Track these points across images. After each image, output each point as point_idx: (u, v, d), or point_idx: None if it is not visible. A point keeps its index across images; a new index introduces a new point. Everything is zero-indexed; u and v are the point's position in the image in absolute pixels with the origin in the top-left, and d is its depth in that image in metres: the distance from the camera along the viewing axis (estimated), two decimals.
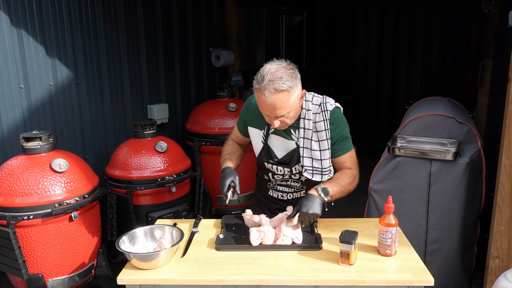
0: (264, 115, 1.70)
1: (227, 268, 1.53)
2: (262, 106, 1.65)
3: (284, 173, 1.88)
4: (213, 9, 4.33)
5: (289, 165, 1.84)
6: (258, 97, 1.64)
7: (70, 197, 2.21)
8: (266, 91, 1.58)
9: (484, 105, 3.62)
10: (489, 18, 3.55)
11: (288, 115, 1.67)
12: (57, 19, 2.79)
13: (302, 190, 1.94)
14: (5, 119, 2.56)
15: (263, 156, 1.88)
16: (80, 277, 2.34)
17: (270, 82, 1.58)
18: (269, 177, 1.95)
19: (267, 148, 1.87)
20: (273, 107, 1.61)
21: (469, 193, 2.44)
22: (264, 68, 1.63)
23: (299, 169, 1.85)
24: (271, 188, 1.99)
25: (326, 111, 1.78)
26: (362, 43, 6.38)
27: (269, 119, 1.70)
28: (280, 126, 1.71)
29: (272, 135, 1.85)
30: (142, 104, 3.56)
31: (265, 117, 1.72)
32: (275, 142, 1.85)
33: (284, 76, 1.59)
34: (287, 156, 1.83)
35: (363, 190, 2.26)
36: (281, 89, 1.58)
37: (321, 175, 1.81)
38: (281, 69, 1.61)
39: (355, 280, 1.46)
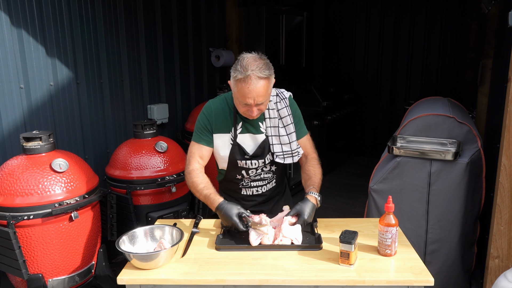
0: (243, 105, 1.76)
1: (227, 268, 1.53)
2: (245, 95, 1.71)
3: (258, 166, 1.94)
4: (213, 9, 4.33)
5: (262, 157, 1.92)
6: (241, 87, 1.70)
7: (70, 197, 2.21)
8: (251, 79, 1.67)
9: (484, 105, 3.62)
10: (489, 18, 3.55)
11: (265, 103, 1.79)
12: (57, 19, 2.79)
13: (273, 180, 2.04)
14: (5, 119, 2.56)
15: (235, 155, 1.91)
16: (80, 277, 2.34)
17: (253, 71, 1.67)
18: (242, 176, 1.97)
19: (237, 146, 1.91)
20: (257, 94, 1.70)
21: (469, 193, 2.44)
22: (242, 60, 1.72)
23: (270, 159, 1.94)
24: (244, 187, 2.01)
25: (285, 98, 1.95)
26: (362, 43, 6.39)
27: (246, 110, 1.77)
28: (256, 115, 1.80)
29: (239, 135, 1.91)
30: (142, 104, 3.56)
31: (241, 109, 1.79)
32: (244, 140, 1.92)
33: (263, 66, 1.71)
34: (259, 148, 1.92)
35: (363, 190, 2.27)
36: (264, 76, 1.70)
37: (292, 157, 1.93)
38: (258, 59, 1.73)
39: (355, 280, 1.46)
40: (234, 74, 1.72)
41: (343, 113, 5.86)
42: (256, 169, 1.95)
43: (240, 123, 1.90)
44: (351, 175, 5.72)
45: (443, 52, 5.84)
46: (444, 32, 5.79)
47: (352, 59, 6.50)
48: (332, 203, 4.66)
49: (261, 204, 2.06)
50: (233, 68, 1.73)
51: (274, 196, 2.10)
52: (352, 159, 6.48)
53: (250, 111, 1.77)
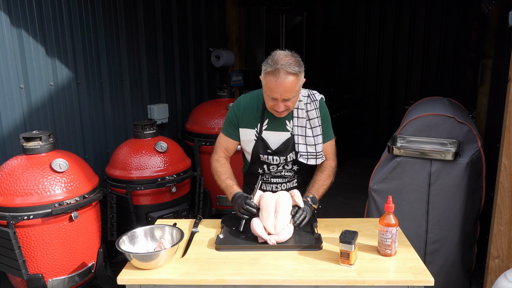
0: (271, 100, 1.78)
1: (227, 268, 1.53)
2: (273, 88, 1.73)
3: (280, 162, 1.96)
4: (213, 9, 4.33)
5: (284, 154, 1.94)
6: (269, 80, 1.73)
7: (70, 197, 2.21)
8: (280, 73, 1.70)
9: (484, 105, 3.62)
10: (489, 18, 3.55)
11: (293, 100, 1.80)
12: (57, 19, 2.79)
13: (294, 180, 2.06)
14: (5, 119, 2.56)
15: (258, 149, 1.95)
16: (80, 277, 2.34)
17: (283, 66, 1.70)
18: (263, 170, 2.00)
19: (261, 141, 1.94)
20: (284, 89, 1.72)
21: (469, 193, 2.44)
22: (274, 55, 1.76)
23: (292, 157, 1.96)
24: (264, 182, 2.04)
25: (315, 100, 1.96)
26: (362, 43, 6.38)
27: (273, 105, 1.79)
28: (283, 112, 1.82)
29: (265, 131, 1.94)
30: (142, 104, 3.56)
31: (269, 103, 1.81)
32: (269, 136, 1.94)
33: (293, 62, 1.74)
34: (282, 145, 1.94)
35: (363, 190, 2.27)
36: (293, 72, 1.72)
37: (315, 159, 1.95)
38: (290, 55, 1.76)
39: (355, 280, 1.46)
40: (264, 67, 1.76)
41: (343, 113, 5.86)
42: (277, 165, 1.98)
43: (267, 120, 1.93)
44: (351, 175, 5.71)
45: (443, 52, 5.84)
46: (444, 32, 5.78)
47: (352, 59, 6.50)
48: (332, 203, 4.66)
49: None
50: (264, 63, 1.77)
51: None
52: (352, 159, 6.48)
53: (276, 106, 1.79)
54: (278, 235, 1.68)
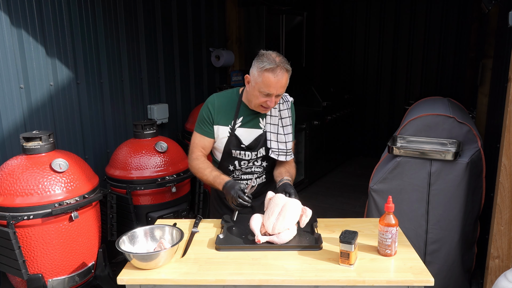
0: (263, 96, 1.86)
1: (227, 268, 1.53)
2: (271, 84, 1.82)
3: (251, 158, 2.03)
4: (213, 9, 4.33)
5: (255, 149, 2.02)
6: (268, 77, 1.81)
7: (70, 197, 2.21)
8: (279, 70, 1.81)
9: (484, 105, 3.62)
10: (489, 18, 3.55)
11: (281, 96, 1.91)
12: (57, 19, 2.79)
13: (263, 175, 2.13)
14: (5, 119, 2.56)
15: (231, 145, 2.00)
16: (80, 277, 2.34)
17: (281, 63, 1.82)
18: (234, 167, 2.05)
19: (234, 137, 1.99)
20: (280, 85, 1.83)
21: (469, 193, 2.44)
22: (268, 54, 1.86)
23: (262, 153, 2.04)
24: (235, 179, 2.06)
25: (287, 101, 2.07)
26: (362, 43, 6.38)
27: (265, 100, 1.87)
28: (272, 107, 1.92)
29: (238, 128, 2.00)
30: (142, 104, 3.56)
31: (260, 99, 1.87)
32: (242, 133, 2.00)
33: (285, 60, 1.86)
34: (254, 141, 2.01)
35: (363, 190, 2.27)
36: (288, 69, 1.85)
37: (285, 156, 2.05)
38: (278, 53, 1.89)
39: (355, 280, 1.46)
40: (261, 65, 1.83)
41: (343, 113, 5.86)
42: (248, 161, 2.04)
43: (241, 117, 2.00)
44: (351, 175, 5.72)
45: (443, 52, 5.84)
46: (444, 32, 5.78)
47: (352, 59, 6.50)
48: (332, 203, 4.66)
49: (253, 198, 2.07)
50: (258, 61, 1.86)
51: (263, 191, 2.10)
52: (352, 159, 6.48)
53: (269, 101, 1.86)
54: (278, 236, 1.68)
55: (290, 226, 1.72)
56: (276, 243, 1.67)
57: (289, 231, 1.70)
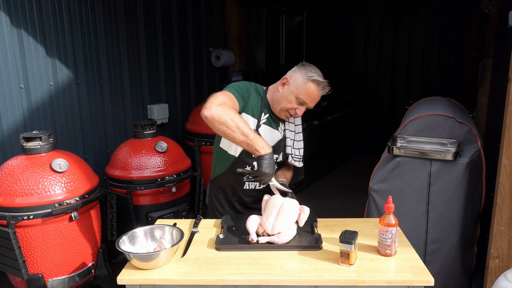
0: (297, 103, 1.90)
1: (227, 268, 1.53)
2: (313, 96, 1.89)
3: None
4: (213, 9, 4.33)
5: (277, 153, 2.03)
6: (311, 88, 1.87)
7: (70, 197, 2.21)
8: (325, 86, 1.91)
9: (484, 105, 3.62)
10: (489, 18, 3.55)
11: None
12: (57, 19, 2.79)
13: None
14: (5, 119, 2.56)
15: None
16: (80, 277, 2.34)
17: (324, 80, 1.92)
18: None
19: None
20: (318, 99, 1.93)
21: (469, 193, 2.44)
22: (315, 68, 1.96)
23: (280, 159, 2.07)
24: (248, 181, 2.04)
25: None
26: (362, 43, 6.38)
27: (296, 108, 1.90)
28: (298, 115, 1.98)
29: (263, 125, 1.97)
30: (142, 104, 3.56)
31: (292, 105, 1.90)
32: (264, 132, 1.98)
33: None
34: (277, 144, 2.02)
35: (363, 190, 2.27)
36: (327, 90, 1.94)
37: (299, 162, 2.13)
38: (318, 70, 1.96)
39: (355, 280, 1.46)
40: (309, 74, 1.89)
41: (343, 113, 5.86)
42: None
43: (267, 115, 1.98)
44: (351, 175, 5.71)
45: (443, 52, 5.84)
46: (444, 32, 5.78)
47: (352, 59, 6.50)
48: (332, 203, 4.66)
49: (258, 202, 2.05)
50: (306, 69, 1.91)
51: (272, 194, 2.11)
52: (352, 159, 6.48)
53: (299, 110, 1.91)
54: (279, 236, 1.68)
55: (290, 225, 1.72)
56: (276, 243, 1.67)
57: (289, 230, 1.70)
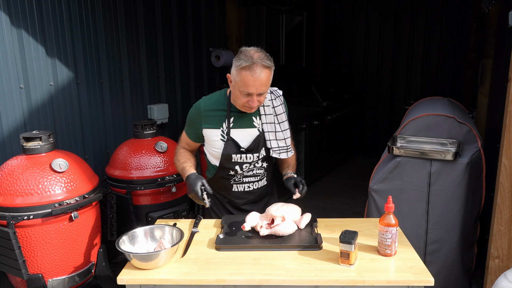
0: (244, 95, 1.80)
1: (227, 268, 1.53)
2: (249, 83, 1.75)
3: (253, 160, 1.96)
4: (213, 9, 4.33)
5: (256, 151, 1.95)
6: (245, 75, 1.74)
7: (70, 197, 2.21)
8: (257, 67, 1.72)
9: (484, 105, 3.62)
10: (489, 18, 3.55)
11: (264, 95, 1.83)
12: (57, 19, 2.79)
13: (265, 177, 2.07)
14: (5, 119, 2.56)
15: (229, 150, 1.93)
16: (80, 277, 2.34)
17: (259, 60, 1.73)
18: (235, 171, 1.98)
19: (231, 141, 1.93)
20: (260, 83, 1.75)
21: (469, 193, 2.44)
22: (245, 51, 1.78)
23: (263, 154, 1.98)
24: (236, 183, 2.02)
25: (280, 96, 2.00)
26: (362, 43, 6.39)
27: (247, 101, 1.81)
28: (255, 107, 1.85)
29: (232, 130, 1.94)
30: (142, 104, 3.56)
31: (242, 100, 1.81)
32: (237, 135, 1.94)
33: (265, 56, 1.77)
34: (253, 142, 1.94)
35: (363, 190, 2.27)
36: (268, 65, 1.75)
37: (286, 152, 1.99)
38: (260, 51, 1.79)
39: (355, 280, 1.46)
40: (238, 63, 1.76)
41: (343, 113, 5.86)
42: (250, 163, 1.97)
43: (232, 118, 1.94)
44: (351, 175, 5.72)
45: (443, 52, 5.84)
46: (444, 32, 5.79)
47: (352, 59, 6.50)
48: (332, 203, 4.66)
49: (252, 204, 2.07)
50: (236, 59, 1.78)
51: (264, 195, 2.11)
52: (352, 159, 6.48)
53: (251, 101, 1.80)
54: (280, 227, 1.69)
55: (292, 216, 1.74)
56: (277, 234, 1.68)
57: (290, 224, 1.71)
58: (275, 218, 1.73)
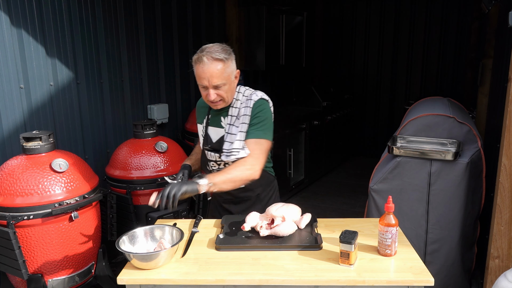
0: (202, 89, 1.82)
1: (227, 268, 1.53)
2: (200, 75, 1.77)
3: (216, 160, 1.95)
4: (213, 9, 4.33)
5: (218, 151, 1.92)
6: (197, 68, 1.77)
7: (70, 197, 2.21)
8: (204, 58, 1.74)
9: (484, 105, 3.62)
10: (489, 18, 3.55)
11: (224, 89, 1.80)
12: (57, 19, 2.79)
13: None
14: (5, 119, 2.56)
15: (204, 144, 2.00)
16: (80, 277, 2.34)
17: (208, 52, 1.75)
18: (210, 167, 2.00)
19: (206, 135, 1.98)
20: (210, 74, 1.75)
21: (469, 193, 2.44)
22: (203, 46, 1.80)
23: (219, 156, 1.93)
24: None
25: (250, 100, 1.90)
26: (362, 43, 6.39)
27: (205, 94, 1.82)
28: (218, 102, 1.83)
29: (209, 127, 1.98)
30: (142, 104, 3.56)
31: (203, 94, 1.84)
32: (211, 132, 1.98)
33: (220, 49, 1.77)
34: (217, 142, 1.95)
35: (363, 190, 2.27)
36: (218, 57, 1.75)
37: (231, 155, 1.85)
38: (217, 44, 1.80)
39: (355, 280, 1.46)
40: (194, 58, 1.78)
41: (343, 113, 5.86)
42: (216, 162, 1.94)
43: (210, 115, 1.98)
44: (351, 175, 5.72)
45: (443, 52, 5.84)
46: (444, 32, 5.79)
47: (352, 59, 6.50)
48: (332, 203, 4.66)
49: (230, 204, 2.05)
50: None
51: (244, 198, 2.01)
52: (352, 159, 6.48)
53: (208, 95, 1.80)
54: (280, 228, 1.69)
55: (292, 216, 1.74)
56: (277, 234, 1.68)
57: (290, 224, 1.71)
58: (275, 218, 1.73)
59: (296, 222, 1.78)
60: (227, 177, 1.77)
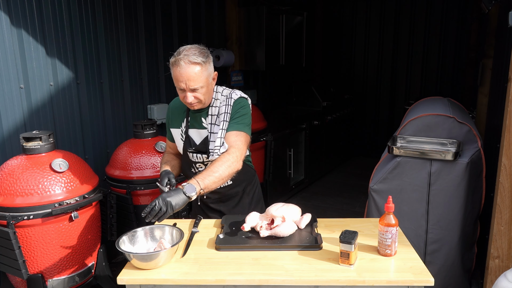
0: (179, 91, 1.81)
1: (227, 268, 1.53)
2: (177, 78, 1.77)
3: (203, 161, 1.95)
4: (213, 9, 4.33)
5: (205, 152, 1.92)
6: (174, 71, 1.76)
7: (70, 197, 2.21)
8: (181, 61, 1.73)
9: (484, 105, 3.62)
10: (489, 18, 3.55)
11: (202, 91, 1.81)
12: (57, 19, 2.79)
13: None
14: (5, 119, 2.56)
15: (186, 147, 1.97)
16: (80, 277, 2.34)
17: (185, 55, 1.74)
18: (195, 170, 1.99)
19: (187, 138, 1.96)
20: (187, 77, 1.75)
21: (469, 193, 2.44)
22: (180, 48, 1.79)
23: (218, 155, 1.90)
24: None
25: (231, 99, 1.92)
26: (362, 43, 6.39)
27: (183, 96, 1.81)
28: (195, 104, 1.83)
29: (189, 129, 1.97)
30: (142, 104, 3.56)
31: (180, 96, 1.84)
32: (193, 134, 1.96)
33: (197, 52, 1.77)
34: (202, 143, 1.94)
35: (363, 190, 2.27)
36: (195, 61, 1.74)
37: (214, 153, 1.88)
38: (195, 47, 1.79)
39: (355, 280, 1.46)
40: (171, 59, 1.78)
41: (343, 113, 5.86)
42: (203, 163, 1.96)
43: (190, 117, 1.96)
44: (351, 175, 5.72)
45: (443, 52, 5.84)
46: (444, 32, 5.79)
47: (352, 59, 6.50)
48: (332, 203, 4.66)
49: (219, 203, 2.05)
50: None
51: (232, 195, 2.05)
52: (352, 159, 6.48)
53: (186, 98, 1.80)
54: (280, 228, 1.69)
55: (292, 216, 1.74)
56: (278, 235, 1.68)
57: (291, 224, 1.71)
58: (275, 218, 1.73)
59: (296, 222, 1.78)
60: (215, 176, 1.74)
